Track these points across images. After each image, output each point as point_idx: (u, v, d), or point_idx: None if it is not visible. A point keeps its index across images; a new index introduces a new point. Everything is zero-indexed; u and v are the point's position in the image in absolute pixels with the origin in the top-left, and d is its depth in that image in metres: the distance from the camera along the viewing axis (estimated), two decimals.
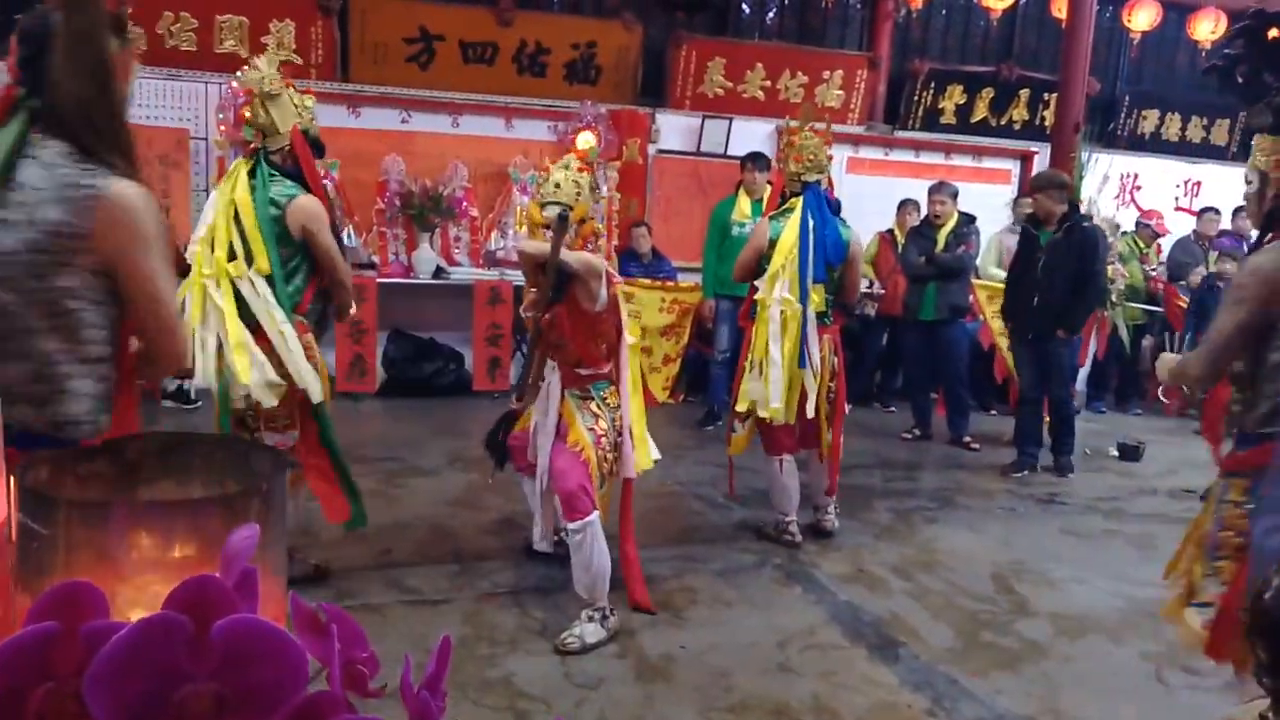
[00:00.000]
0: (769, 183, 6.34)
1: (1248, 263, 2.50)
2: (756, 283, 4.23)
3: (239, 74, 3.51)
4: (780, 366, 4.08)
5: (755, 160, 6.54)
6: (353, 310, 3.72)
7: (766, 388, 4.10)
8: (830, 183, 4.47)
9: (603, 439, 3.33)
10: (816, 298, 4.16)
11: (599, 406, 3.35)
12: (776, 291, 4.10)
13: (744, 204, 6.51)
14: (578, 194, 3.28)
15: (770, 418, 4.13)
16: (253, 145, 3.46)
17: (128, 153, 1.68)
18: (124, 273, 1.66)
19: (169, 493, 0.78)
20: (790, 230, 4.15)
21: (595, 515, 3.23)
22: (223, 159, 7.01)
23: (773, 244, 4.19)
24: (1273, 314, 2.36)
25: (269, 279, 3.32)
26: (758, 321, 4.18)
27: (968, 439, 6.61)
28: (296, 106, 3.48)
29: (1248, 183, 2.58)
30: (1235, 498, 2.45)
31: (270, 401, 3.30)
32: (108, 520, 0.65)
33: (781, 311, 4.09)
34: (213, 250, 3.32)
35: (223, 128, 7.03)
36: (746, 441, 4.40)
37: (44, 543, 0.64)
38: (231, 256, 3.32)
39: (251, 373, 3.26)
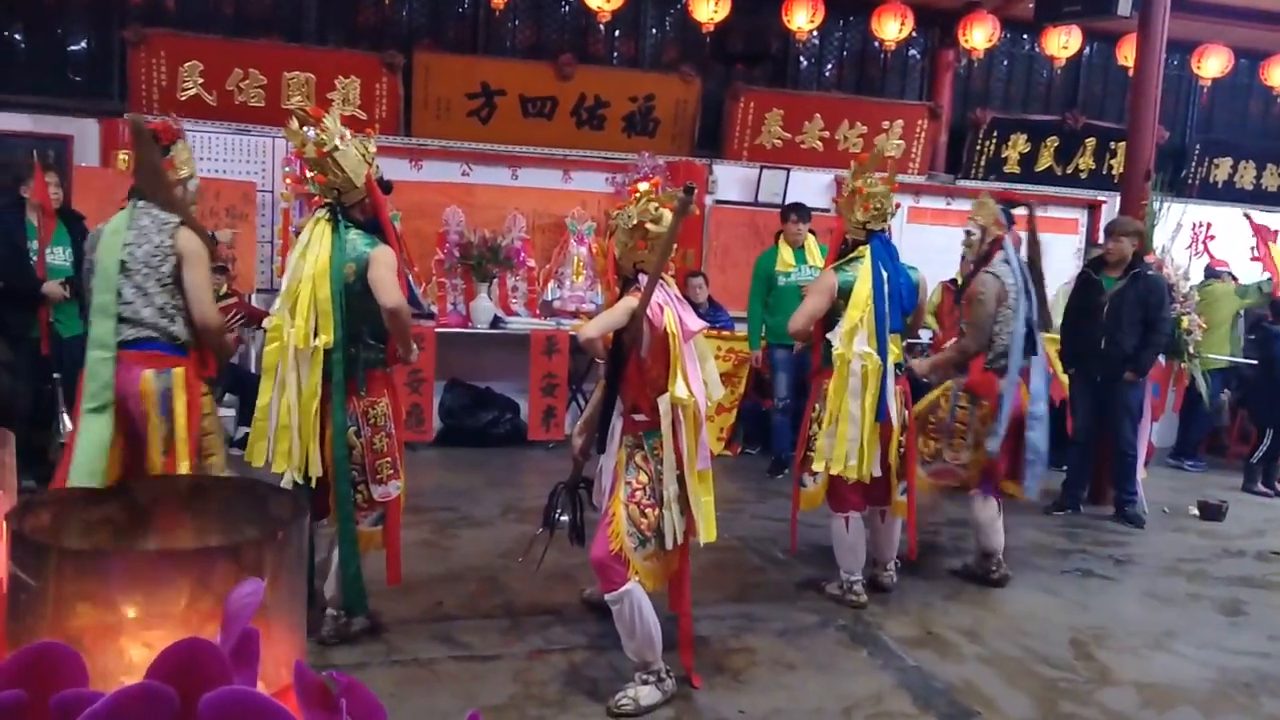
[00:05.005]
0: (810, 231, 6.66)
1: None
2: (829, 336, 4.10)
3: (294, 130, 3.35)
4: (858, 423, 3.97)
5: (796, 211, 6.74)
6: (413, 358, 3.64)
7: (842, 445, 3.98)
8: (889, 231, 4.38)
9: (637, 492, 3.10)
10: (895, 349, 4.08)
11: (644, 459, 3.14)
12: (856, 345, 4.00)
13: (786, 254, 6.68)
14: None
15: (845, 475, 4.00)
16: (325, 200, 3.38)
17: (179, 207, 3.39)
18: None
19: (184, 541, 0.71)
20: (864, 282, 4.05)
21: (631, 584, 3.03)
22: (288, 211, 7.14)
23: (843, 295, 4.08)
24: None
25: (329, 351, 3.27)
26: (835, 377, 4.03)
27: None
28: (362, 154, 3.39)
29: None
30: None
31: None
32: (102, 571, 0.58)
33: (863, 365, 3.99)
34: (292, 318, 3.28)
35: (289, 181, 7.16)
36: (820, 497, 4.23)
37: (33, 595, 0.57)
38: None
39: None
